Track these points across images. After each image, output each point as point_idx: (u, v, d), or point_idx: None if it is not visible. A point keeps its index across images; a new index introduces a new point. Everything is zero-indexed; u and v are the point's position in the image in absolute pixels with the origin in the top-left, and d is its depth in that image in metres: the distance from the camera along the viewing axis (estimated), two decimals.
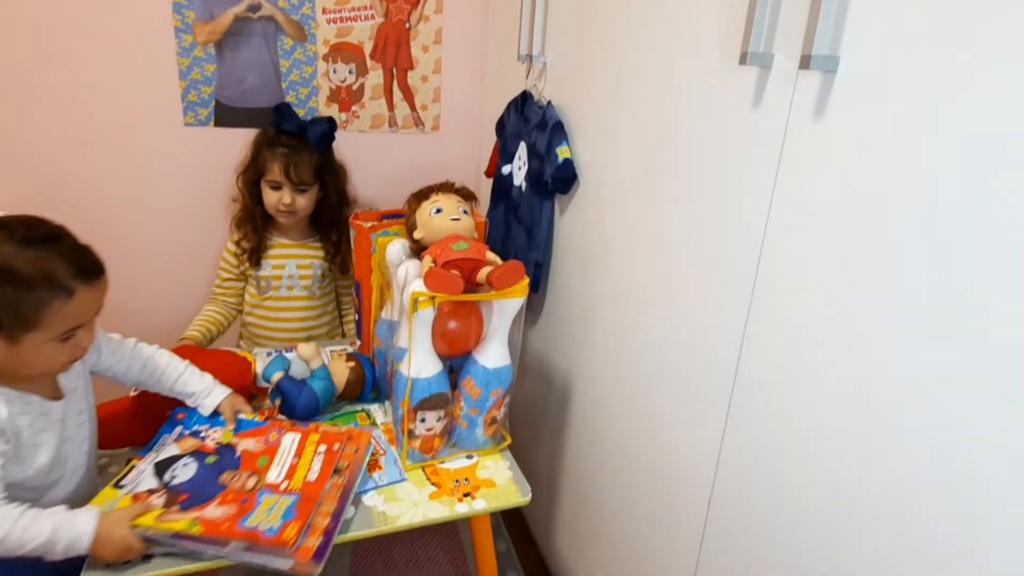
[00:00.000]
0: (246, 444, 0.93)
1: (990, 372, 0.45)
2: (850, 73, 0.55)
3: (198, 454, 0.89)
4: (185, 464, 0.87)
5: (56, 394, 0.81)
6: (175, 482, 0.84)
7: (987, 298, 0.45)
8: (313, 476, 0.86)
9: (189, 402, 0.98)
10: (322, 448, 0.92)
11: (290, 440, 0.93)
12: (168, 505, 0.79)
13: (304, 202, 1.31)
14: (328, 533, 0.77)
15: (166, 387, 0.96)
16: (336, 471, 0.88)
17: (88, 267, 0.74)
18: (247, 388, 1.08)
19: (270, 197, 1.30)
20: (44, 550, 0.71)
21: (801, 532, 0.64)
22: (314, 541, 0.75)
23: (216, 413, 0.98)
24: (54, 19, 1.30)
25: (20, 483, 0.78)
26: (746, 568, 0.74)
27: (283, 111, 1.32)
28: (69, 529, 0.72)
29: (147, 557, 0.77)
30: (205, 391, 0.97)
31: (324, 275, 1.41)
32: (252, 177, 1.32)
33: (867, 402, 0.56)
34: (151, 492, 0.81)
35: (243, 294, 1.40)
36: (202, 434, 0.94)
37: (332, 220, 1.37)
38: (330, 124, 1.33)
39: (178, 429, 0.95)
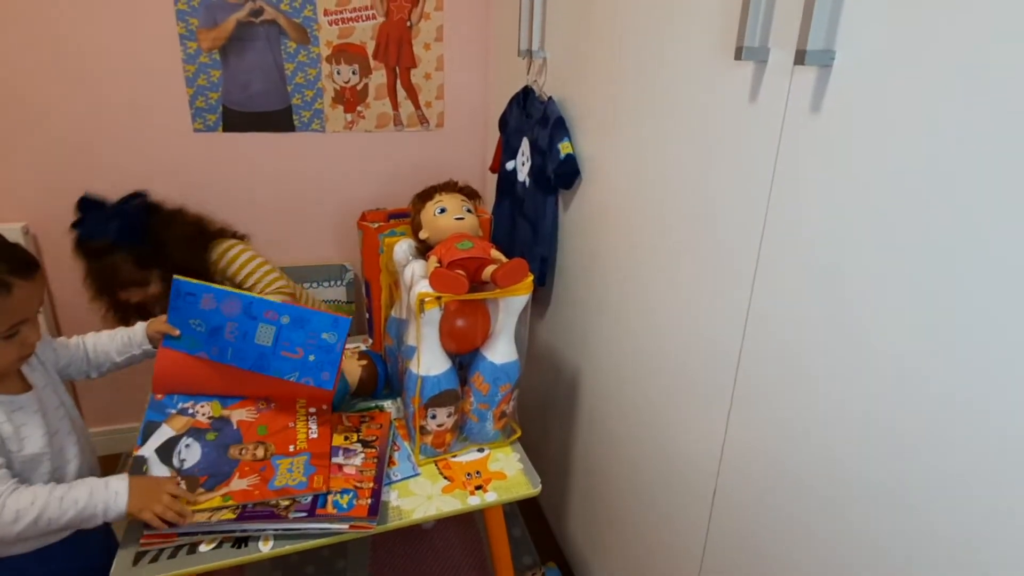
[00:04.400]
0: (239, 415, 0.94)
1: (985, 362, 0.46)
2: (846, 67, 0.55)
3: (195, 432, 0.90)
4: (187, 445, 0.88)
5: (23, 388, 0.83)
6: (187, 466, 0.85)
7: (984, 295, 0.46)
8: (314, 435, 0.94)
9: (136, 352, 0.96)
10: (312, 410, 0.98)
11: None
12: (192, 488, 0.82)
13: (158, 287, 1.17)
14: (376, 493, 0.87)
15: (112, 359, 0.96)
16: (367, 444, 0.98)
17: (23, 263, 0.77)
18: None
19: (128, 295, 1.18)
20: (85, 515, 0.76)
21: (803, 517, 0.66)
22: (364, 502, 0.85)
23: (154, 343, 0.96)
24: (62, 30, 1.32)
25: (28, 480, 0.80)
26: (750, 552, 0.75)
27: (86, 212, 1.11)
28: (104, 489, 0.77)
29: (192, 549, 0.80)
30: (134, 332, 0.97)
31: None
32: (100, 287, 1.17)
33: (868, 389, 0.56)
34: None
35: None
36: (190, 411, 0.92)
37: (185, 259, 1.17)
38: (136, 209, 1.13)
39: (166, 410, 0.92)
